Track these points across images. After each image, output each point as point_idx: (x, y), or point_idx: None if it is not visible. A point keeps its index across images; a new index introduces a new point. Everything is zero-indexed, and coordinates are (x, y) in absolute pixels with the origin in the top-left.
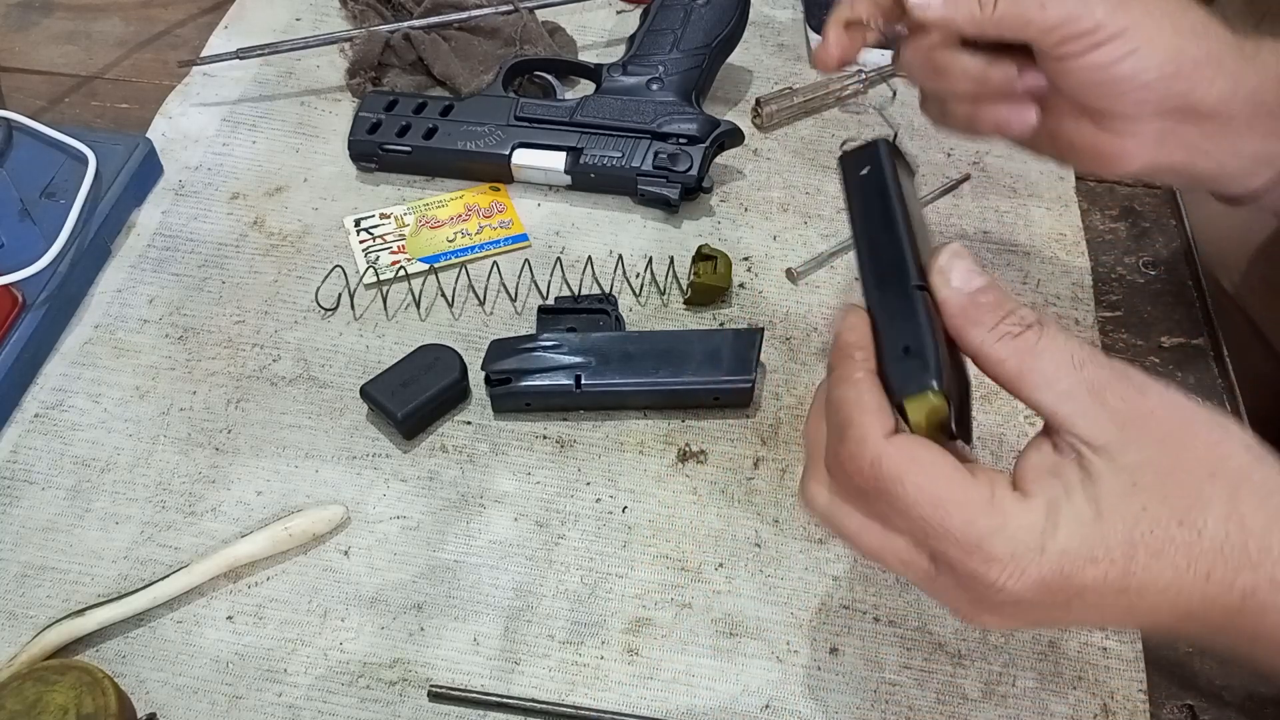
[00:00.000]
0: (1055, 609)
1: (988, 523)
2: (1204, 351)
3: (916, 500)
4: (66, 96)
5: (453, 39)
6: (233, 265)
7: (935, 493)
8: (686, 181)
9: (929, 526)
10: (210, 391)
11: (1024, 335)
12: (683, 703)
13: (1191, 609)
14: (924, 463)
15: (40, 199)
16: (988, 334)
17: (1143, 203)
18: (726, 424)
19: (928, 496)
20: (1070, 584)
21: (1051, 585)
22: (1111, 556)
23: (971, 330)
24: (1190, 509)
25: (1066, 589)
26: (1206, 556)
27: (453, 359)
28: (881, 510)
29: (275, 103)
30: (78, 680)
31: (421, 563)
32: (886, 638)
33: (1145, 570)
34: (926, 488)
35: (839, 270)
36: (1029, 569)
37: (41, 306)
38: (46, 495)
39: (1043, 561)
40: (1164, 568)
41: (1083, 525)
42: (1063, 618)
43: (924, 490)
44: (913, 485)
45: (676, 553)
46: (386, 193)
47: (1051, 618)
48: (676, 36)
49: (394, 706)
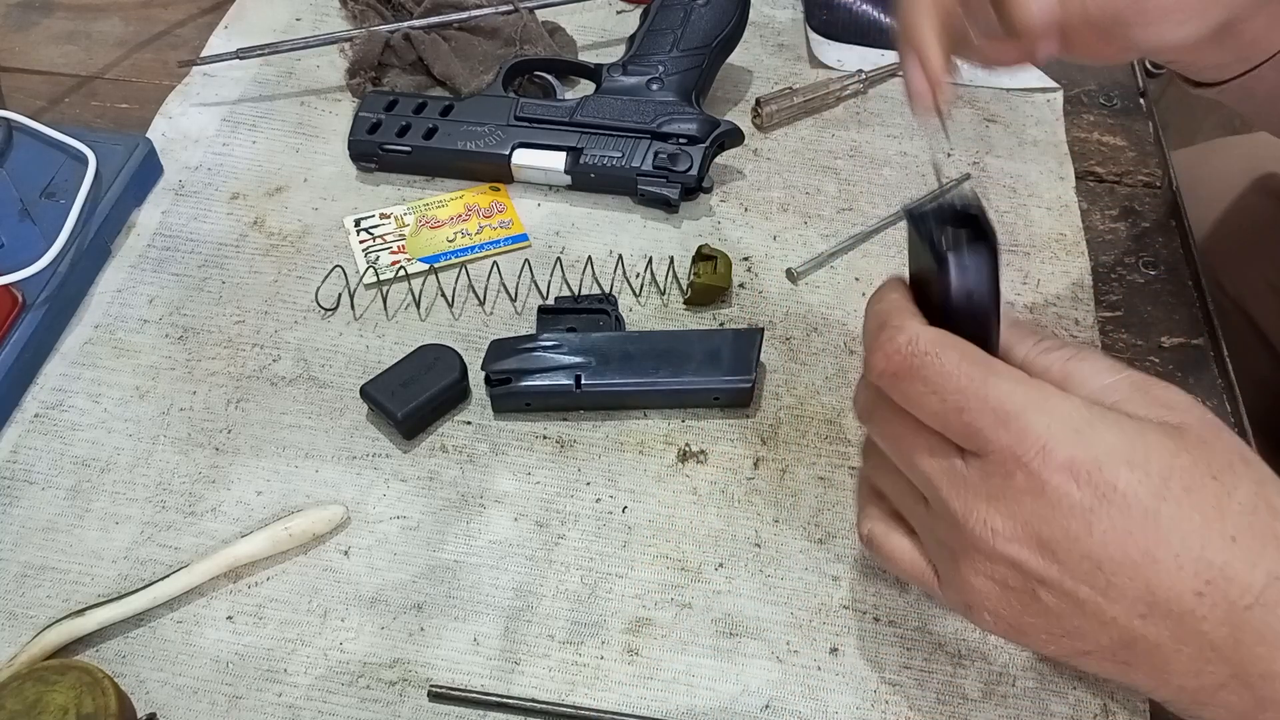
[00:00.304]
0: (1076, 515)
1: (1026, 396)
2: (1204, 351)
3: (955, 371)
4: (66, 96)
5: (453, 39)
6: (233, 265)
7: (974, 362)
8: (686, 181)
9: (964, 397)
10: (210, 391)
11: (1065, 348)
12: (683, 703)
13: (1211, 577)
14: (959, 342)
15: (40, 199)
16: (1032, 347)
17: (1143, 203)
18: (726, 424)
19: (967, 366)
20: (1101, 478)
21: (1081, 471)
22: (1148, 468)
23: (1017, 346)
24: (1224, 471)
25: (1096, 484)
26: (1235, 517)
27: (453, 359)
28: (917, 393)
29: (275, 103)
30: (78, 680)
31: (421, 563)
32: (886, 638)
33: (1177, 503)
34: (967, 357)
35: (839, 270)
36: (1062, 447)
37: (41, 306)
38: (46, 495)
39: (1078, 443)
40: (1195, 507)
41: (1124, 431)
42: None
43: (963, 360)
44: (951, 358)
45: (676, 553)
46: (386, 193)
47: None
48: (676, 36)
49: (394, 706)
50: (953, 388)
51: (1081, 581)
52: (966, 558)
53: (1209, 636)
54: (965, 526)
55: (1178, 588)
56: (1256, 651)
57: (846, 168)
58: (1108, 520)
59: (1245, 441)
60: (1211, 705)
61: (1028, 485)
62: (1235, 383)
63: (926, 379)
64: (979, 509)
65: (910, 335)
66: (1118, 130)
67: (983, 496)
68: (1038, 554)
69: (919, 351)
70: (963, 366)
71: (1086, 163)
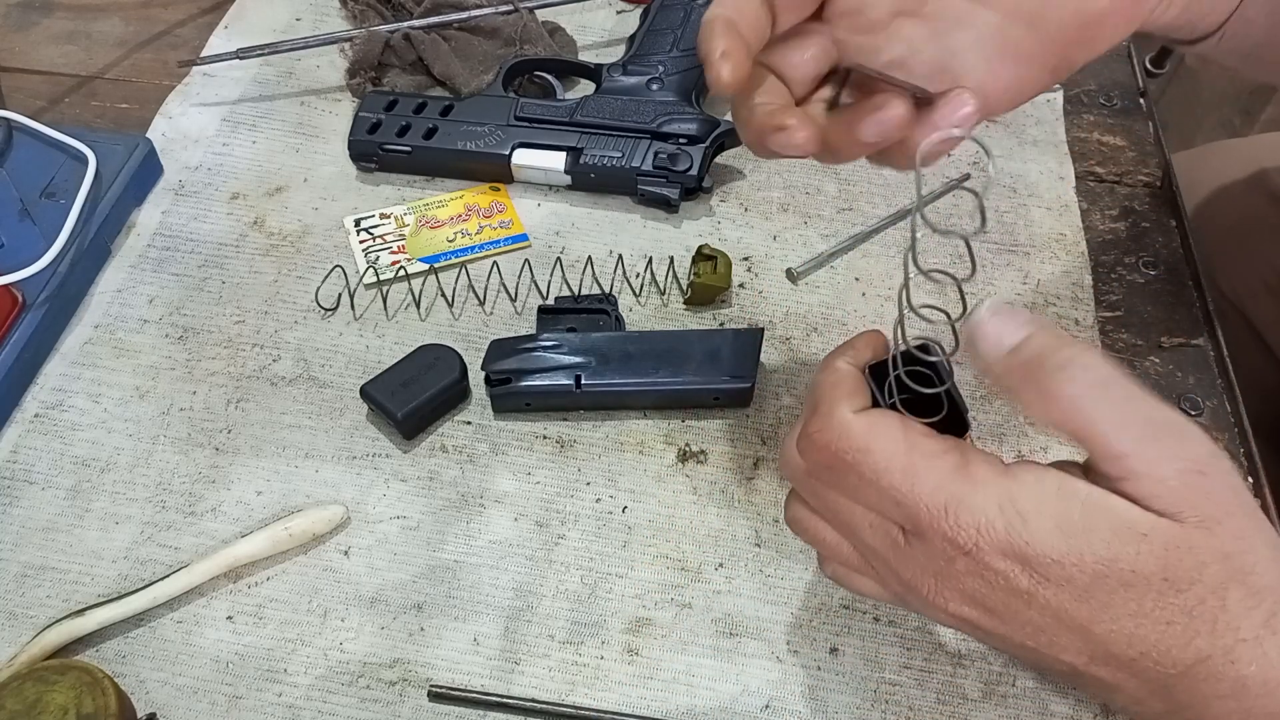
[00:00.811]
0: (1016, 597)
1: (958, 488)
2: (1204, 351)
3: (886, 466)
4: (66, 96)
5: (453, 39)
6: (233, 265)
7: (907, 453)
8: (686, 181)
9: (901, 492)
10: (210, 391)
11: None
12: (683, 703)
13: (1145, 650)
14: (892, 431)
15: (40, 199)
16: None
17: (1143, 203)
18: (726, 424)
19: (900, 459)
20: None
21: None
22: (1082, 564)
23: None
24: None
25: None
26: (1174, 609)
27: (453, 359)
28: (851, 485)
29: (275, 103)
30: (78, 680)
31: (421, 563)
32: (886, 638)
33: (1110, 593)
34: (899, 450)
35: (839, 270)
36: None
37: (41, 306)
38: (46, 495)
39: (1011, 533)
40: (1131, 598)
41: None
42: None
43: (895, 454)
44: (882, 452)
45: (676, 553)
46: (386, 193)
47: (1010, 611)
48: (676, 36)
49: (394, 706)
50: (886, 484)
51: (1028, 638)
52: (926, 609)
53: (1150, 683)
54: (918, 592)
55: (1114, 650)
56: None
57: (846, 168)
58: (1044, 598)
59: (1244, 444)
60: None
61: (968, 569)
62: (1235, 383)
63: (860, 474)
64: (927, 582)
65: (840, 429)
66: (1118, 130)
67: (930, 573)
68: (986, 616)
69: (849, 448)
70: (895, 461)
71: (1086, 163)
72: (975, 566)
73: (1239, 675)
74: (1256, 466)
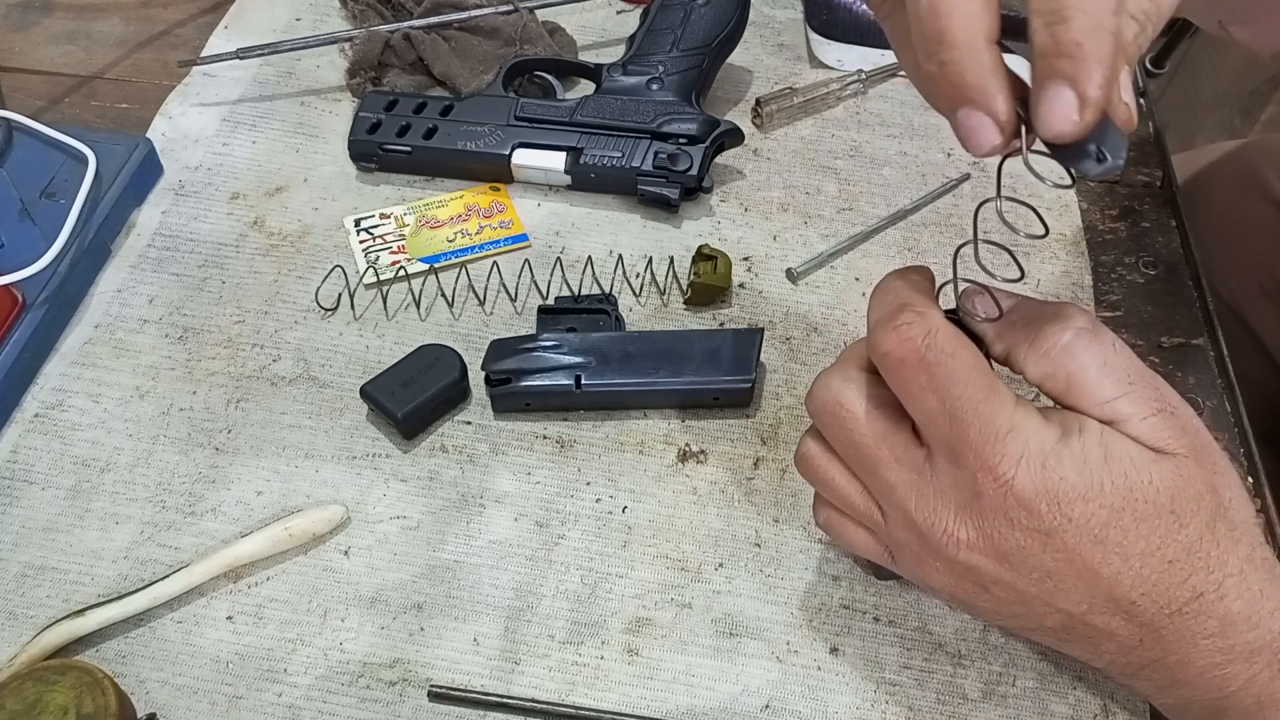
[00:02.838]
0: (1034, 538)
1: (1012, 420)
2: (1204, 351)
3: (964, 378)
4: (66, 96)
5: (453, 39)
6: (233, 265)
7: (983, 373)
8: (686, 181)
9: (961, 406)
10: (210, 391)
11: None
12: (683, 703)
13: (1146, 590)
14: (975, 350)
15: (40, 199)
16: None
17: (1143, 203)
18: (726, 424)
19: (976, 375)
20: (1058, 509)
21: (1042, 500)
22: (1102, 501)
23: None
24: (1185, 504)
25: (1054, 512)
26: (1177, 546)
27: (453, 359)
28: (918, 386)
29: (275, 103)
30: (78, 680)
31: (421, 563)
32: (886, 638)
33: (1124, 532)
34: (977, 367)
35: (839, 270)
36: (1030, 475)
37: (41, 306)
38: (46, 495)
39: (1043, 475)
40: (1141, 536)
41: (1088, 467)
42: (1032, 559)
43: (974, 369)
44: (964, 363)
45: (676, 553)
46: (386, 193)
47: (1023, 554)
48: (676, 36)
49: (394, 706)
50: (955, 393)
51: (1032, 585)
52: (928, 557)
53: (1144, 626)
54: (929, 535)
55: (1117, 593)
56: (1175, 645)
57: (846, 168)
58: (1060, 541)
59: (1244, 444)
60: (1138, 678)
61: (994, 504)
62: (1235, 383)
63: (933, 376)
64: (945, 518)
65: (930, 327)
66: None
67: (951, 505)
68: (995, 562)
69: (935, 347)
70: (972, 375)
71: None
72: (1002, 501)
73: (1226, 611)
74: (1256, 466)
